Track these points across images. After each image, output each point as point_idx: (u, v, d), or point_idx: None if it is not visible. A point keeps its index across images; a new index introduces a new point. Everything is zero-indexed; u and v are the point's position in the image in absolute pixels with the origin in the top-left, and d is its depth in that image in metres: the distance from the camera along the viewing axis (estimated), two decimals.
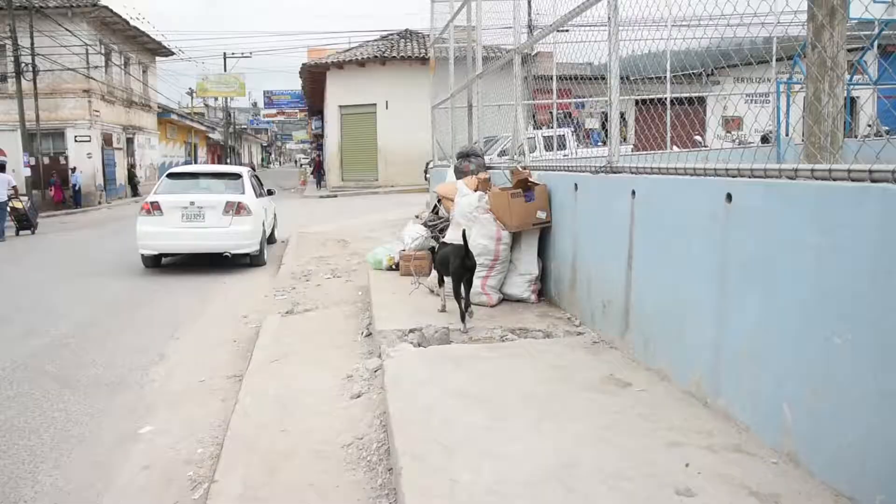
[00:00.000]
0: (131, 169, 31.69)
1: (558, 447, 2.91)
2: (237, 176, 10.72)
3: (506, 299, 5.77)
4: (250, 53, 45.25)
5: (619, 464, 2.74)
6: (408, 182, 25.83)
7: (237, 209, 9.82)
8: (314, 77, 30.14)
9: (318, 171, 33.73)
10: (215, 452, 3.68)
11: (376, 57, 26.56)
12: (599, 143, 15.05)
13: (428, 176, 19.42)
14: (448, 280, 5.26)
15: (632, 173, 4.32)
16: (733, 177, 3.22)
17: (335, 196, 25.75)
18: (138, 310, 7.51)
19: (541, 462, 2.77)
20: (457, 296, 4.96)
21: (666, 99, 14.45)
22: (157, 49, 34.76)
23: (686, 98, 13.27)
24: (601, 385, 3.69)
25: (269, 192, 12.10)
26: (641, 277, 4.06)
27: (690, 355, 3.49)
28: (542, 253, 5.87)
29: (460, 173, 8.29)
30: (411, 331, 4.81)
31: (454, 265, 4.97)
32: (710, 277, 3.30)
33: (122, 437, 4.03)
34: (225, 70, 45.50)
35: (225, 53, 45.83)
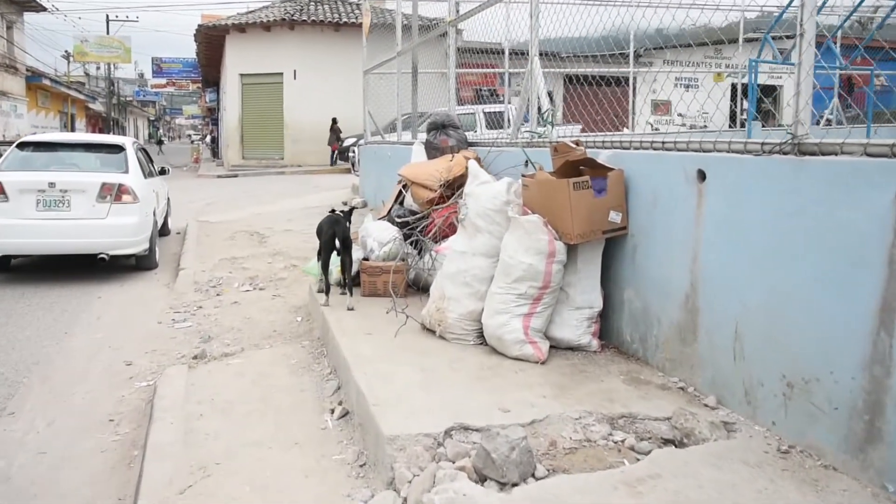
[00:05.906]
0: None
1: None
2: (118, 148, 7.97)
3: (552, 345, 3.72)
4: (137, 17, 40.59)
5: None
6: (318, 161, 23.19)
7: (118, 194, 7.16)
8: (211, 41, 26.66)
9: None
10: None
11: (284, 20, 23.54)
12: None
13: (352, 154, 16.86)
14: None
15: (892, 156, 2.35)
16: None
17: (235, 175, 22.60)
18: None
19: None
20: (324, 268, 4.83)
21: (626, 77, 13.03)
22: (25, 2, 29.96)
23: (613, 78, 11.94)
24: None
25: (162, 172, 9.35)
26: None
27: None
28: (605, 276, 3.85)
29: (435, 150, 6.15)
30: (448, 433, 2.64)
31: (325, 235, 4.79)
32: None
33: None
34: (108, 33, 40.58)
35: (108, 16, 40.92)
